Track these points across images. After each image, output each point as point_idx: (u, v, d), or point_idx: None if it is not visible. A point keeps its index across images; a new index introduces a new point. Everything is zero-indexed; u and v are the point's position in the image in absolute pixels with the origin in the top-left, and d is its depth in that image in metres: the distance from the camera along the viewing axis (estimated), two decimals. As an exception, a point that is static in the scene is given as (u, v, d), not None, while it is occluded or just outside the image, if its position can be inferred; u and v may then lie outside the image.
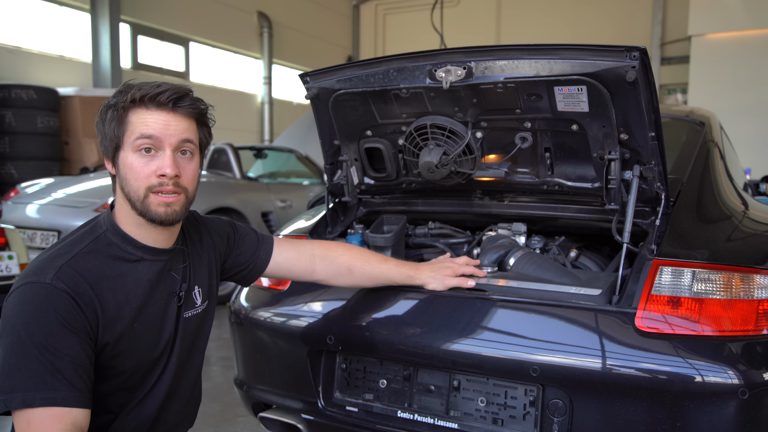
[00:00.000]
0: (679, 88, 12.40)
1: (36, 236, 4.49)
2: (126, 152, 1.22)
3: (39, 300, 1.12)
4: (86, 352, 1.14)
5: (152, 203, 1.22)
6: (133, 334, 1.24)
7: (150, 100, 1.21)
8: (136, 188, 1.21)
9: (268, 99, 13.03)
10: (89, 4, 9.24)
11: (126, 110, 1.21)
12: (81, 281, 1.16)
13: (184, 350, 1.37)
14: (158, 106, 1.21)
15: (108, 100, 1.25)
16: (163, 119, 1.21)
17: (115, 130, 1.21)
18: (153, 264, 1.29)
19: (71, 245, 1.22)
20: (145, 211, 1.22)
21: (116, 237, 1.25)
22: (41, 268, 1.16)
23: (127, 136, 1.21)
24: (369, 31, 16.04)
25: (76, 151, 7.82)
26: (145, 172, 1.21)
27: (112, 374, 1.24)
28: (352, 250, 1.67)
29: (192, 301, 1.39)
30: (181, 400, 1.40)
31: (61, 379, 1.09)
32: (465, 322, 1.57)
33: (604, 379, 1.40)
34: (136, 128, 1.20)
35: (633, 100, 1.50)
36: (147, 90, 1.21)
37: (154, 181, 1.21)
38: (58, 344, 1.10)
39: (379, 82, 1.70)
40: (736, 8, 9.92)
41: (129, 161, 1.21)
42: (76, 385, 1.10)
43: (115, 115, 1.21)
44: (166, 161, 1.21)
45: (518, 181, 1.88)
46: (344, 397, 1.73)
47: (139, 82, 1.25)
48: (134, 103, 1.21)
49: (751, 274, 1.45)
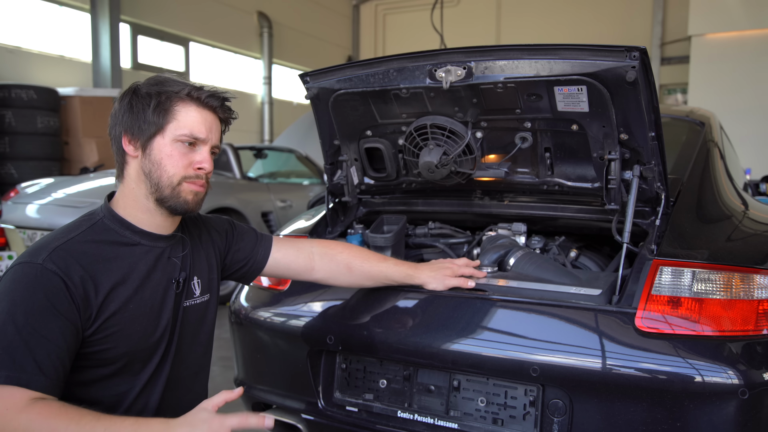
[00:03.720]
0: (679, 88, 12.39)
1: (36, 236, 4.48)
2: (165, 140, 1.28)
3: (28, 279, 1.15)
4: (65, 337, 1.15)
5: (184, 190, 1.30)
6: (128, 315, 1.26)
7: (205, 99, 1.31)
8: (171, 174, 1.28)
9: (268, 99, 13.03)
10: (89, 4, 9.24)
11: (174, 101, 1.28)
12: (73, 263, 1.19)
13: (184, 340, 1.39)
14: (207, 107, 1.32)
15: (142, 86, 1.30)
16: (210, 119, 1.32)
17: (159, 117, 1.27)
18: (151, 249, 1.33)
19: (68, 231, 1.26)
20: (173, 197, 1.29)
21: (113, 223, 1.30)
22: (36, 250, 1.19)
23: (173, 125, 1.27)
24: (369, 31, 16.03)
25: (76, 151, 7.81)
26: (183, 162, 1.29)
27: (108, 357, 1.25)
28: (351, 248, 1.68)
29: (191, 291, 1.41)
30: (182, 391, 1.41)
31: (30, 361, 1.10)
32: (465, 322, 1.57)
33: (604, 379, 1.40)
34: (184, 121, 1.28)
35: (633, 100, 1.50)
36: (201, 90, 1.31)
37: (191, 172, 1.30)
38: (38, 324, 1.12)
39: (379, 82, 1.70)
40: (736, 8, 9.92)
41: (168, 149, 1.28)
42: (44, 369, 1.11)
43: (161, 102, 1.27)
44: (206, 157, 1.31)
45: (518, 181, 1.89)
46: (344, 397, 1.73)
47: (178, 78, 1.33)
48: (188, 98, 1.29)
49: (751, 274, 1.45)
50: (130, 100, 1.29)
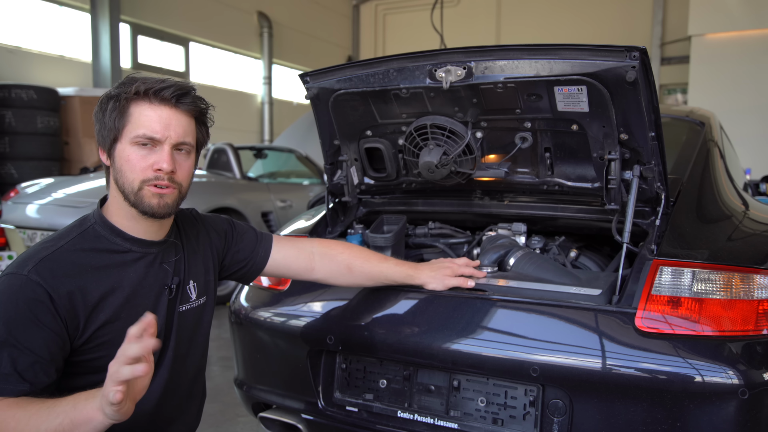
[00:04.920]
0: (679, 88, 12.40)
1: (36, 236, 4.48)
2: (124, 144, 1.23)
3: (12, 291, 1.14)
4: (49, 348, 1.14)
5: (146, 195, 1.23)
6: (119, 324, 1.23)
7: (154, 94, 1.22)
8: (131, 180, 1.23)
9: (268, 99, 13.03)
10: (89, 4, 9.24)
11: (128, 102, 1.22)
12: (60, 274, 1.17)
13: (180, 345, 1.37)
14: (161, 101, 1.23)
15: (109, 90, 1.26)
16: (165, 115, 1.23)
17: (115, 121, 1.22)
18: (142, 256, 1.30)
19: (57, 239, 1.24)
20: (138, 203, 1.24)
21: (104, 229, 1.27)
22: (23, 261, 1.18)
23: (128, 128, 1.22)
24: (369, 31, 16.03)
25: (76, 151, 7.81)
26: (141, 165, 1.23)
27: (102, 365, 1.22)
28: (351, 248, 1.67)
29: (186, 295, 1.39)
30: (179, 396, 1.40)
31: (12, 372, 1.10)
32: (465, 322, 1.57)
33: (604, 379, 1.40)
34: (137, 121, 1.22)
35: (633, 100, 1.50)
36: (151, 84, 1.22)
37: (149, 175, 1.23)
38: (21, 336, 1.11)
39: (379, 82, 1.70)
40: (736, 8, 9.92)
41: (126, 153, 1.23)
42: (27, 379, 1.11)
43: (116, 106, 1.22)
44: (164, 156, 1.23)
45: (518, 181, 1.88)
46: (344, 397, 1.73)
47: (142, 76, 1.26)
48: (138, 96, 1.22)
49: (751, 274, 1.45)
50: (99, 109, 1.26)
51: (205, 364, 1.50)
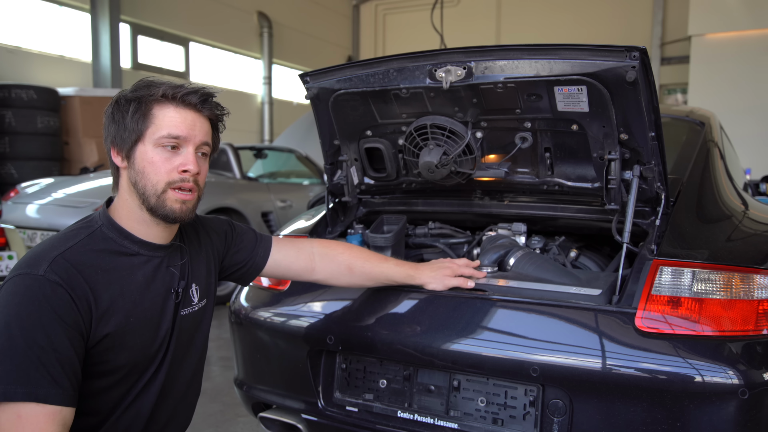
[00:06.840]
0: (679, 88, 12.40)
1: (36, 236, 4.49)
2: (146, 146, 1.23)
3: (31, 292, 1.10)
4: (75, 348, 1.12)
5: (169, 198, 1.23)
6: (128, 329, 1.22)
7: (181, 98, 1.24)
8: (155, 182, 1.22)
9: (268, 99, 13.03)
10: (89, 4, 9.24)
11: (151, 105, 1.23)
12: (74, 273, 1.15)
13: (179, 348, 1.36)
14: (186, 105, 1.25)
15: (124, 93, 1.26)
16: (191, 118, 1.25)
17: (138, 123, 1.22)
18: (149, 259, 1.29)
19: (66, 239, 1.21)
20: (159, 206, 1.23)
21: (112, 232, 1.25)
22: (35, 260, 1.15)
23: (151, 130, 1.22)
24: (369, 31, 16.04)
25: (76, 151, 7.81)
26: (166, 168, 1.23)
27: (107, 369, 1.22)
28: (352, 249, 1.67)
29: (189, 299, 1.38)
30: (174, 399, 1.39)
31: (45, 375, 1.08)
32: (465, 322, 1.57)
33: (604, 379, 1.40)
34: (161, 123, 1.22)
35: (633, 100, 1.50)
36: (177, 88, 1.24)
37: (175, 177, 1.23)
38: (47, 339, 1.09)
39: (379, 82, 1.70)
40: (736, 8, 9.92)
41: (150, 156, 1.22)
42: (60, 382, 1.09)
43: (139, 107, 1.22)
44: (189, 158, 1.24)
45: (518, 181, 1.88)
46: (344, 397, 1.73)
47: (159, 79, 1.27)
48: (164, 99, 1.23)
49: (751, 274, 1.45)
50: (113, 111, 1.25)
51: (202, 366, 1.49)
